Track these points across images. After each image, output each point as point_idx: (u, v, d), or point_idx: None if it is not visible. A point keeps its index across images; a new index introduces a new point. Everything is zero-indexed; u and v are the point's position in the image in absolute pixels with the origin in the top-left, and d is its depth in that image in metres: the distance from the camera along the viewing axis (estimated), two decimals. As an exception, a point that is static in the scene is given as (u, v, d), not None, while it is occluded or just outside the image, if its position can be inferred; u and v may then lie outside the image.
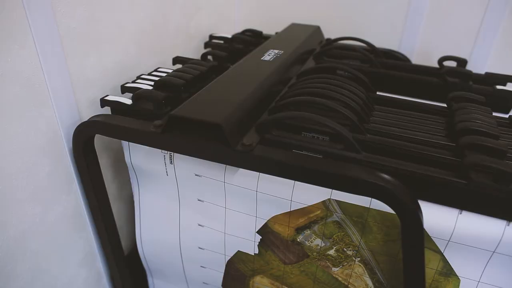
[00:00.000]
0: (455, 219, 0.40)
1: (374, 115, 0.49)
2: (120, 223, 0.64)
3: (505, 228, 0.38)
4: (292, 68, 0.60)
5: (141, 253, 0.62)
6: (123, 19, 0.56)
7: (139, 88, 0.51)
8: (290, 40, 0.67)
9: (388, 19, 0.85)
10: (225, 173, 0.47)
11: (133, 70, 0.60)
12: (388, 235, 0.43)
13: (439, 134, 0.45)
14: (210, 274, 0.59)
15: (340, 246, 0.47)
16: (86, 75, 0.51)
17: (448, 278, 0.43)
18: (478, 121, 0.44)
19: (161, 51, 0.67)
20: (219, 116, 0.40)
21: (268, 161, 0.39)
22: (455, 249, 0.41)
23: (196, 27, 0.77)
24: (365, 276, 0.48)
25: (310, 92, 0.47)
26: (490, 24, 0.77)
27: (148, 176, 0.53)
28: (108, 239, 0.57)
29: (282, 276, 0.53)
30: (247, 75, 0.52)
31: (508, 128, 0.48)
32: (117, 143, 0.58)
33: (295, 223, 0.47)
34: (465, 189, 0.38)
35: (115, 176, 0.62)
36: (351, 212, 0.43)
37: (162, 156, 0.50)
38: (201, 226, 0.54)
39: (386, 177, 0.36)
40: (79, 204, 0.54)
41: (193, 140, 0.41)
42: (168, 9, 0.66)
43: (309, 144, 0.41)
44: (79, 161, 0.49)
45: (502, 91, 0.58)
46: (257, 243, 0.51)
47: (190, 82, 0.53)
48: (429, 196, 0.40)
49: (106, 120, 0.46)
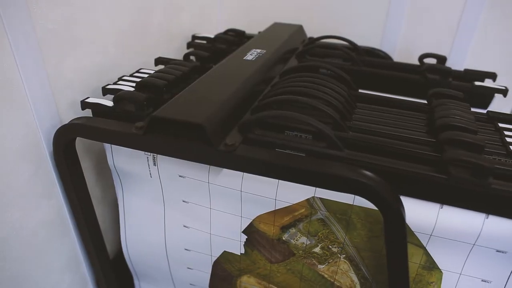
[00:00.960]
0: (437, 214, 0.40)
1: (356, 112, 0.50)
2: (105, 227, 0.63)
3: (484, 221, 0.39)
4: (275, 67, 0.60)
5: (127, 256, 0.61)
6: (103, 20, 0.55)
7: (120, 89, 0.51)
8: (273, 40, 0.67)
9: (369, 17, 0.86)
10: (209, 173, 0.47)
11: (114, 71, 0.59)
12: (372, 231, 0.44)
13: (420, 130, 0.46)
14: (197, 275, 0.58)
15: (325, 243, 0.47)
16: (66, 77, 0.51)
17: (431, 271, 0.44)
18: (457, 117, 0.45)
19: (143, 51, 0.66)
20: (201, 116, 0.39)
21: (251, 160, 0.39)
22: (437, 243, 0.42)
23: (178, 27, 0.76)
24: (350, 272, 0.48)
25: (293, 91, 0.47)
26: (468, 21, 0.79)
27: (131, 178, 0.53)
28: (92, 243, 0.56)
29: (269, 275, 0.53)
30: (230, 75, 0.51)
31: (486, 123, 0.49)
32: (99, 145, 0.58)
33: (280, 221, 0.47)
34: (445, 184, 0.38)
35: (98, 179, 0.61)
36: (335, 210, 0.44)
37: (145, 158, 0.49)
38: (187, 227, 0.53)
39: (368, 174, 0.36)
40: (61, 209, 0.53)
41: (176, 141, 0.41)
42: (149, 9, 0.66)
43: (292, 142, 0.41)
44: (60, 165, 0.49)
45: (480, 87, 0.59)
46: (243, 242, 0.51)
47: (172, 82, 0.52)
48: (410, 192, 0.40)
49: (87, 122, 0.45)
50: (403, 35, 0.85)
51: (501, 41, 0.80)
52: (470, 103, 0.52)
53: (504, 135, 0.45)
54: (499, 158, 0.42)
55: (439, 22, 0.81)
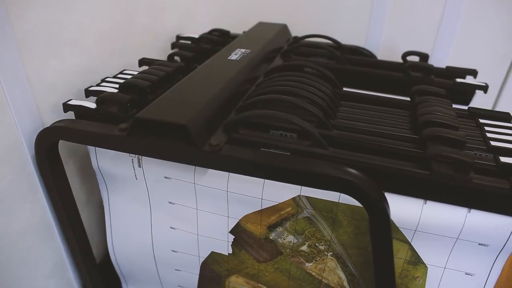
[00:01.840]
0: (420, 209, 0.41)
1: (341, 110, 0.50)
2: (91, 230, 0.63)
3: (467, 215, 0.40)
4: (260, 67, 0.60)
5: (114, 259, 0.61)
6: (85, 20, 0.55)
7: (103, 91, 0.50)
8: (257, 39, 0.67)
9: (353, 16, 0.86)
10: (194, 174, 0.46)
11: (97, 73, 0.59)
12: (357, 228, 0.44)
13: (403, 127, 0.46)
14: (185, 277, 0.58)
15: (312, 241, 0.47)
16: (47, 80, 0.50)
17: (416, 266, 0.45)
18: (439, 114, 0.46)
19: (127, 52, 0.66)
20: (185, 117, 0.39)
21: (236, 160, 0.39)
22: (422, 238, 0.43)
23: (162, 28, 0.76)
24: (337, 269, 0.48)
25: (277, 90, 0.48)
26: (449, 20, 0.80)
27: (117, 180, 0.52)
28: (78, 247, 0.56)
29: (257, 274, 0.53)
30: (214, 75, 0.51)
31: (467, 119, 0.50)
32: (83, 148, 0.57)
33: (267, 221, 0.47)
34: (428, 179, 0.39)
35: (83, 182, 0.60)
36: (321, 208, 0.44)
37: (130, 160, 0.49)
38: (174, 228, 0.53)
39: (353, 172, 0.37)
40: (45, 213, 0.52)
41: (160, 142, 0.40)
42: (132, 10, 0.65)
43: (276, 142, 0.42)
44: (42, 169, 0.48)
45: (461, 84, 0.60)
46: (231, 243, 0.51)
47: (156, 83, 0.52)
48: (395, 188, 0.41)
49: (69, 125, 0.44)
50: (386, 33, 0.86)
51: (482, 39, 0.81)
52: (452, 99, 0.52)
53: (485, 130, 0.46)
54: (480, 153, 0.42)
55: (421, 21, 0.82)
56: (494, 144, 0.43)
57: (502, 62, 0.82)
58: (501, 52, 0.81)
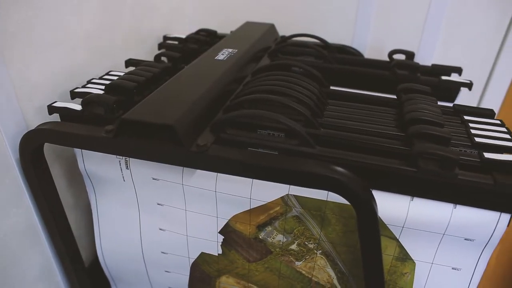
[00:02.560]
0: (408, 206, 0.41)
1: (328, 109, 0.50)
2: (79, 234, 0.62)
3: (453, 211, 0.40)
4: (247, 66, 0.60)
5: (103, 262, 0.60)
6: (69, 21, 0.54)
7: (89, 93, 0.50)
8: (244, 39, 0.67)
9: (340, 15, 0.87)
10: (182, 175, 0.46)
11: (83, 74, 0.58)
12: (346, 226, 0.45)
13: (390, 125, 0.47)
14: (176, 278, 0.58)
15: (301, 240, 0.47)
16: (31, 82, 0.49)
17: (405, 262, 0.45)
18: (424, 111, 0.46)
19: (113, 53, 0.65)
20: (171, 118, 0.39)
21: (223, 160, 0.39)
22: (409, 235, 0.43)
23: (148, 28, 0.75)
24: (327, 267, 0.49)
25: (264, 89, 0.48)
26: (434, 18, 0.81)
27: (104, 182, 0.52)
28: (66, 251, 0.55)
29: (247, 274, 0.53)
30: (201, 75, 0.51)
31: (452, 116, 0.51)
32: (69, 150, 0.56)
33: (256, 220, 0.47)
34: (415, 176, 0.39)
35: (70, 185, 0.59)
36: (310, 206, 0.44)
37: (118, 162, 0.48)
38: (163, 230, 0.53)
39: (340, 170, 0.37)
40: (31, 217, 0.52)
41: (147, 143, 0.40)
42: (117, 10, 0.65)
43: (264, 141, 0.42)
44: (27, 172, 0.47)
45: (447, 81, 0.61)
46: (220, 243, 0.51)
47: (143, 84, 0.52)
48: (382, 186, 0.41)
49: (54, 127, 0.44)
50: (373, 32, 0.86)
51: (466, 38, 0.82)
52: (438, 97, 0.53)
53: (469, 127, 0.47)
54: (465, 150, 0.43)
55: (407, 20, 0.83)
56: (478, 140, 0.44)
57: (486, 60, 0.83)
58: (485, 49, 0.82)
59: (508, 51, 0.81)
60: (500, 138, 0.44)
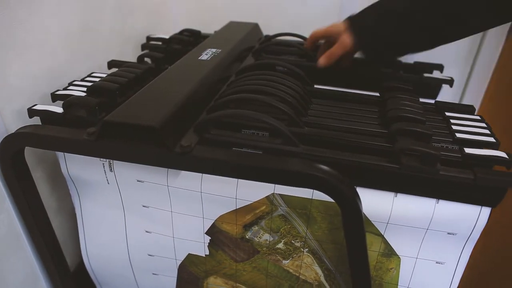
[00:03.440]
0: (392, 202, 0.42)
1: (312, 108, 0.50)
2: (63, 238, 0.61)
3: (435, 206, 0.41)
4: (231, 66, 0.60)
5: (89, 267, 0.59)
6: (49, 22, 0.53)
7: (71, 95, 0.49)
8: (228, 38, 0.67)
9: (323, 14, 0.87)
10: (167, 176, 0.46)
11: (64, 76, 0.57)
12: (332, 223, 0.45)
13: (373, 123, 0.47)
14: (163, 281, 0.57)
15: (288, 238, 0.47)
16: (10, 84, 0.48)
17: (390, 258, 0.46)
18: (406, 108, 0.47)
19: (95, 55, 0.64)
20: (154, 119, 0.39)
21: (207, 161, 0.38)
22: (394, 231, 0.44)
23: (131, 29, 0.74)
24: (314, 265, 0.49)
25: (248, 89, 0.48)
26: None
27: (88, 186, 0.51)
28: (50, 256, 0.54)
29: (235, 274, 0.53)
30: (184, 75, 0.51)
31: (434, 112, 0.52)
32: (51, 154, 0.55)
33: (242, 220, 0.47)
34: (398, 172, 0.40)
35: (53, 189, 0.58)
36: (295, 205, 0.44)
37: (101, 164, 0.48)
38: (149, 232, 0.52)
39: (323, 168, 0.37)
40: (13, 223, 0.51)
41: (130, 145, 0.40)
42: (98, 11, 0.64)
43: (248, 141, 0.42)
44: (8, 177, 0.46)
45: (428, 78, 0.62)
46: (207, 244, 0.50)
47: (126, 86, 0.51)
48: (366, 183, 0.42)
49: (35, 131, 0.43)
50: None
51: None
52: (420, 94, 0.54)
53: (451, 123, 0.48)
54: (446, 146, 0.44)
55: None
56: (459, 136, 0.44)
57: (467, 57, 0.85)
58: (466, 47, 0.84)
59: (487, 48, 0.82)
60: (480, 134, 0.45)
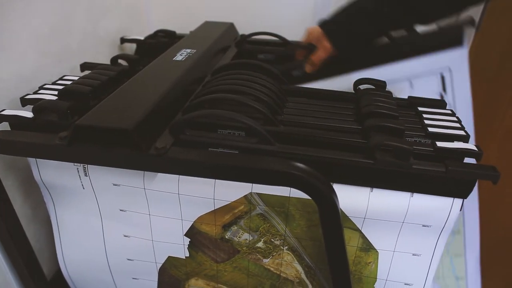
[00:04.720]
0: (368, 197, 0.42)
1: (288, 106, 0.51)
2: (39, 246, 0.59)
3: (410, 200, 0.42)
4: (206, 66, 0.59)
5: (66, 274, 0.58)
6: (18, 24, 0.51)
7: (41, 99, 0.48)
8: (203, 38, 0.66)
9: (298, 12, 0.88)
10: (144, 179, 0.45)
11: (34, 80, 0.55)
12: (310, 220, 0.45)
13: (348, 119, 0.48)
14: (144, 285, 0.56)
15: (267, 237, 0.48)
16: (-23, 90, 0.46)
17: (368, 252, 0.46)
18: (380, 104, 0.47)
19: (67, 57, 0.63)
20: (126, 121, 0.38)
21: (183, 162, 0.38)
22: (371, 225, 0.44)
23: (105, 30, 0.73)
24: (294, 262, 0.49)
25: (223, 89, 0.47)
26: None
27: (62, 192, 0.50)
28: (25, 266, 0.52)
29: (216, 275, 0.52)
30: (159, 76, 0.50)
31: (407, 108, 0.53)
32: (23, 160, 0.54)
33: (221, 220, 0.47)
34: (373, 168, 0.40)
35: (27, 196, 0.57)
36: (273, 203, 0.44)
37: (75, 169, 0.47)
38: (127, 236, 0.51)
39: (299, 166, 0.37)
40: (-16, 232, 0.49)
41: (103, 149, 0.39)
42: (69, 12, 0.62)
43: (224, 141, 0.41)
44: (-23, 185, 0.45)
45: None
46: (187, 245, 0.50)
47: (99, 88, 0.50)
48: (342, 179, 0.42)
49: (3, 137, 0.41)
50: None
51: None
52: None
53: (423, 118, 0.49)
54: (419, 140, 0.45)
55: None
56: (431, 130, 0.45)
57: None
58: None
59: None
60: (451, 127, 0.46)
